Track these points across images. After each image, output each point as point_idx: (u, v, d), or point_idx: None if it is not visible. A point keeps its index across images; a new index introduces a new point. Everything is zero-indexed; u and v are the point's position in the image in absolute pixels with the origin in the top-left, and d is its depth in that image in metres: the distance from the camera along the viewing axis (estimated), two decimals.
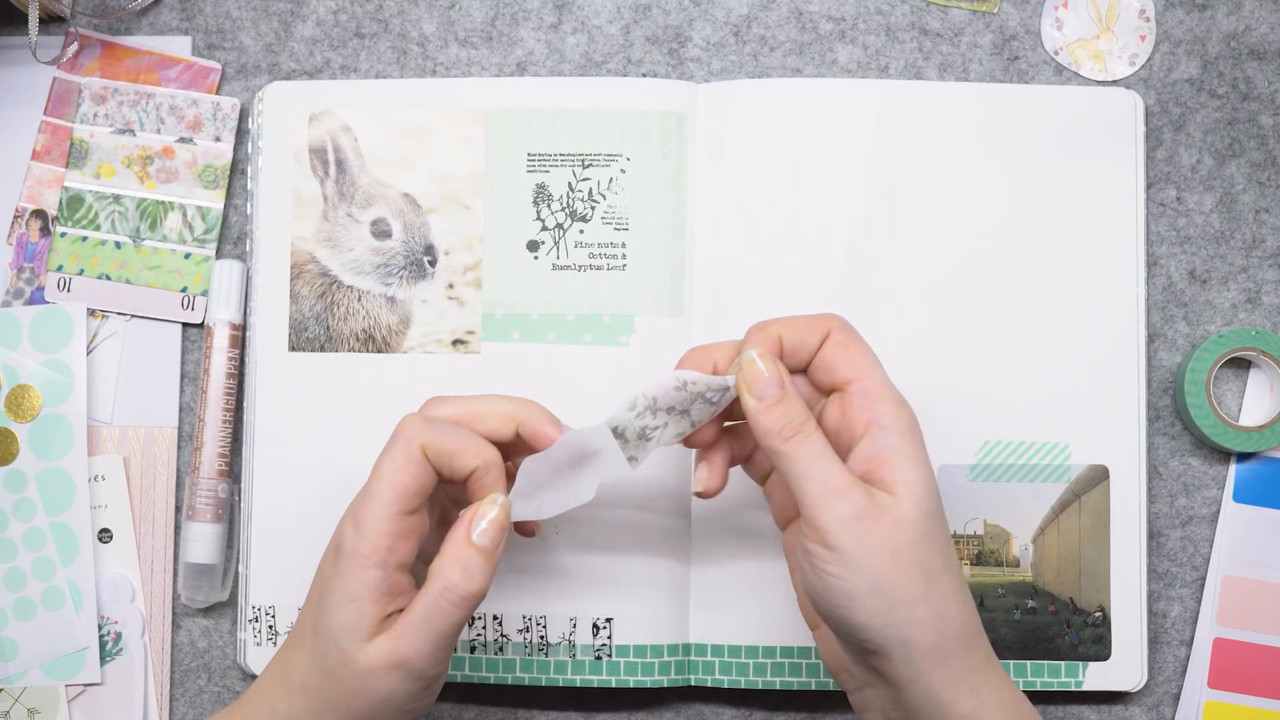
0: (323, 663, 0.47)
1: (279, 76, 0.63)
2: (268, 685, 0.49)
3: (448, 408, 0.50)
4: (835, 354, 0.49)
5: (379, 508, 0.47)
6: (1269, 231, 0.62)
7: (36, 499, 0.60)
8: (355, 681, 0.47)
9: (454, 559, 0.47)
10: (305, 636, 0.49)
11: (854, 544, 0.45)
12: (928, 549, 0.46)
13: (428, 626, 0.47)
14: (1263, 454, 0.61)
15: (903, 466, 0.46)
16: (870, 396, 0.48)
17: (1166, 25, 0.63)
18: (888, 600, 0.45)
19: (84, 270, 0.62)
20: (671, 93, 0.60)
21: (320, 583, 0.49)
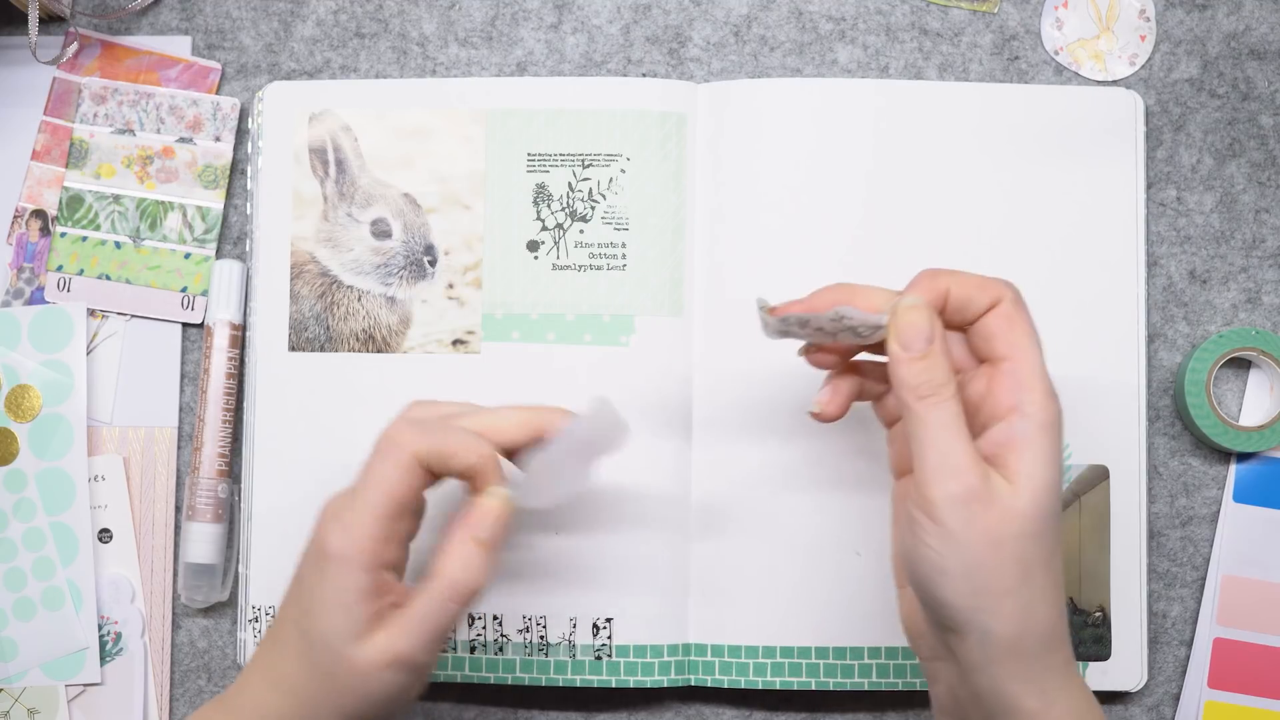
0: (314, 665, 0.47)
1: (279, 76, 0.63)
2: (256, 687, 0.49)
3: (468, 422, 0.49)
4: (998, 325, 0.47)
5: (367, 512, 0.47)
6: (1269, 231, 0.62)
7: (36, 499, 0.60)
8: (350, 680, 0.47)
9: (456, 556, 0.47)
10: (290, 639, 0.48)
11: (959, 523, 0.44)
12: (1032, 545, 0.45)
13: (427, 623, 0.47)
14: (1263, 454, 0.61)
15: (1033, 460, 0.45)
16: (1021, 381, 0.46)
17: (1166, 25, 0.63)
18: (978, 586, 0.45)
19: (84, 270, 0.62)
20: (671, 93, 0.60)
21: (303, 585, 0.48)
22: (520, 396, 0.59)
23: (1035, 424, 0.45)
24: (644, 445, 0.59)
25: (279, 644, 0.49)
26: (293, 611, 0.48)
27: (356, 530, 0.47)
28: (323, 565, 0.47)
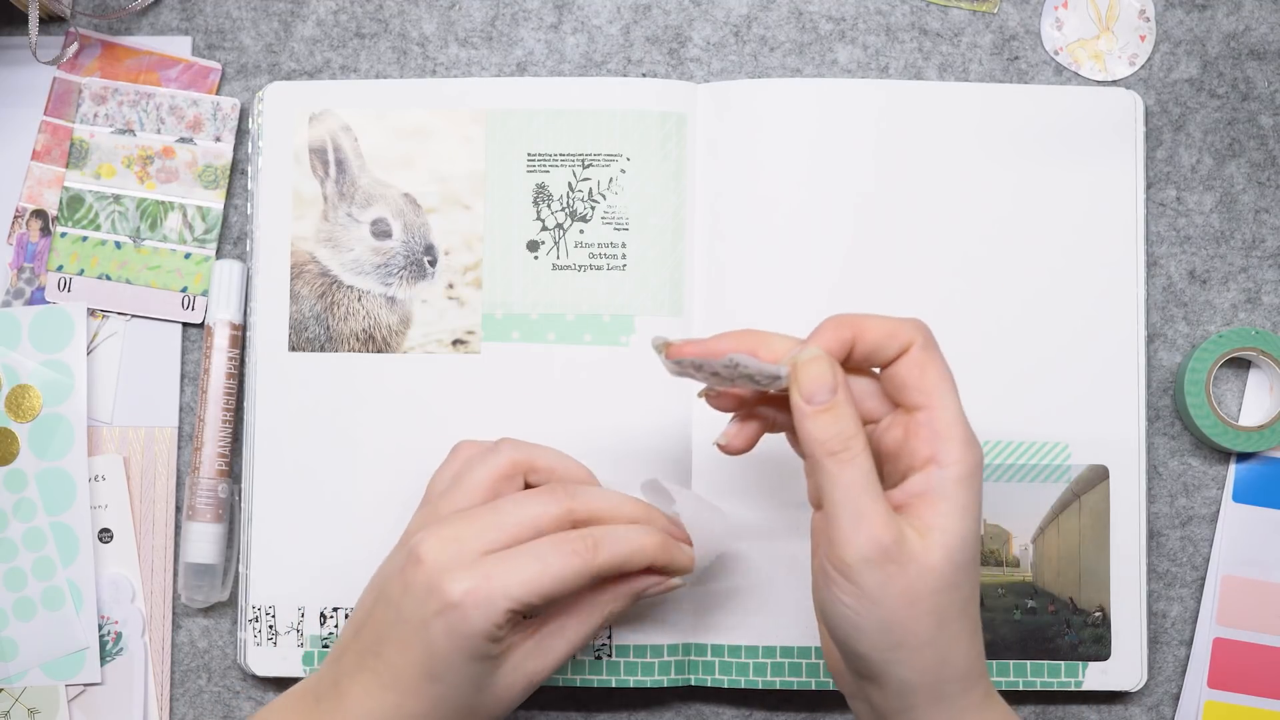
0: (455, 704, 0.48)
1: (279, 76, 0.63)
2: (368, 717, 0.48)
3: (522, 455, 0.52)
4: (910, 374, 0.46)
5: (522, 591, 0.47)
6: (1269, 231, 0.62)
7: (36, 499, 0.60)
8: (494, 704, 0.49)
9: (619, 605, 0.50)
10: (416, 684, 0.47)
11: (873, 584, 0.44)
12: (947, 596, 0.45)
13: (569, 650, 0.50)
14: (1262, 454, 0.61)
15: (948, 513, 0.45)
16: (937, 431, 0.45)
17: (1166, 25, 0.63)
18: (894, 640, 0.45)
19: (84, 270, 0.62)
20: (671, 93, 0.60)
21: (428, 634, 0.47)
22: (520, 396, 0.59)
23: (951, 476, 0.45)
24: (643, 445, 0.59)
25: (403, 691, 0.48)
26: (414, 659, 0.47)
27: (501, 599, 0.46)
28: (450, 618, 0.46)
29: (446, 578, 0.46)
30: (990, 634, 0.59)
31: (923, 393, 0.46)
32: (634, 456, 0.59)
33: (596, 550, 0.48)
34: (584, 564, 0.47)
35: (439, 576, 0.46)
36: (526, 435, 0.54)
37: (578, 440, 0.58)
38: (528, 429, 0.59)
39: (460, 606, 0.46)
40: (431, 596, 0.46)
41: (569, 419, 0.59)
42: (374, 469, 0.60)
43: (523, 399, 0.60)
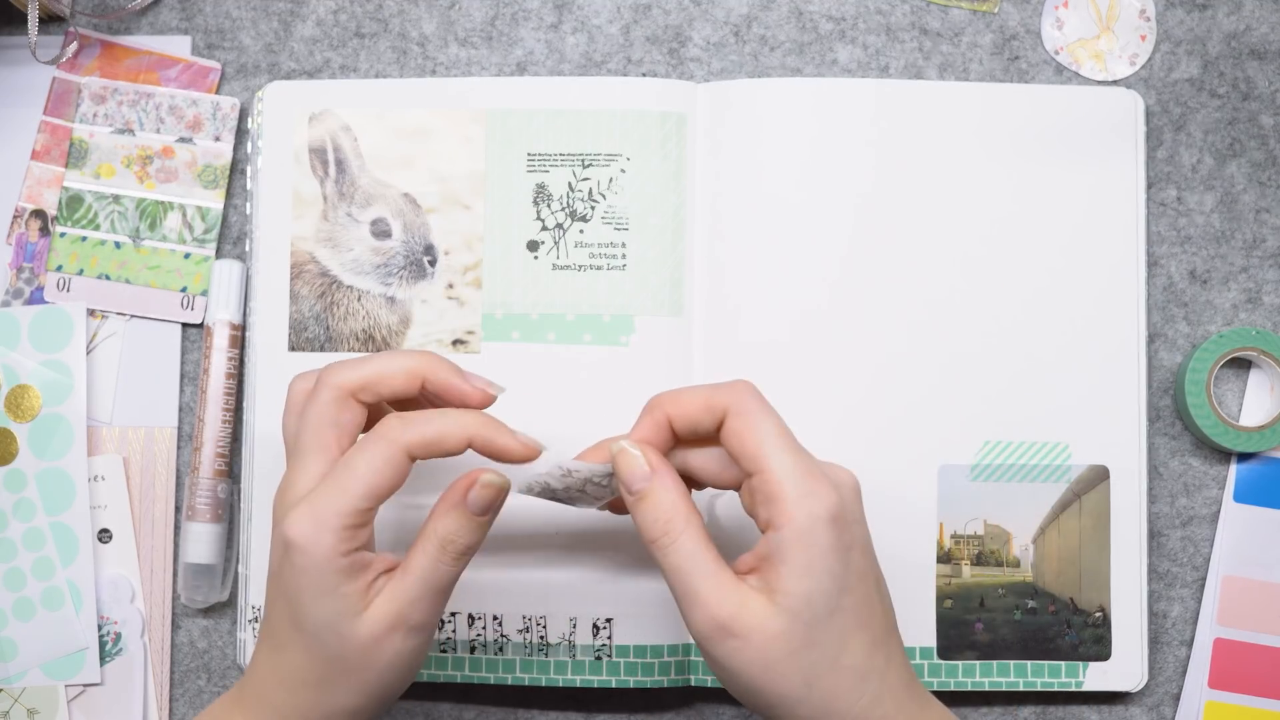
0: (321, 654, 0.47)
1: (279, 76, 0.63)
2: (263, 688, 0.49)
3: (349, 372, 0.49)
4: (731, 443, 0.47)
5: (345, 501, 0.46)
6: (1269, 231, 0.62)
7: (36, 499, 0.60)
8: (361, 655, 0.47)
9: (449, 518, 0.47)
10: (289, 638, 0.48)
11: (723, 657, 0.45)
12: (810, 655, 0.45)
13: (425, 583, 0.47)
14: (1263, 454, 0.61)
15: (787, 575, 0.45)
16: (768, 493, 0.45)
17: (1167, 25, 0.63)
18: (766, 701, 0.45)
19: (84, 270, 0.62)
20: (671, 92, 0.60)
21: (281, 582, 0.47)
22: (520, 396, 0.59)
23: (787, 538, 0.45)
24: None
25: (279, 646, 0.48)
26: (280, 611, 0.48)
27: (327, 519, 0.46)
28: (293, 558, 0.46)
29: (285, 519, 0.46)
30: (990, 634, 0.59)
31: (746, 459, 0.46)
32: None
33: (405, 428, 0.47)
34: (390, 444, 0.46)
35: (280, 521, 0.47)
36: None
37: (578, 440, 0.58)
38: (527, 429, 0.58)
39: (296, 540, 0.46)
40: (278, 544, 0.47)
41: (569, 419, 0.59)
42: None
43: (523, 399, 0.60)
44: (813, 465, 0.46)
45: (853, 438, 0.59)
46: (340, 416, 0.48)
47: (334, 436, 0.48)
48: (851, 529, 0.46)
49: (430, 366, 0.49)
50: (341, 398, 0.48)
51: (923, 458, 0.59)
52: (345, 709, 0.48)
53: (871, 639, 0.46)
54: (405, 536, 0.59)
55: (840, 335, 0.60)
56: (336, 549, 0.46)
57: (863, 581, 0.46)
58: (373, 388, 0.49)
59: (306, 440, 0.48)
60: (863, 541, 0.47)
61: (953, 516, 0.59)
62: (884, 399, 0.59)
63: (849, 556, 0.45)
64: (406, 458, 0.47)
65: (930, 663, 0.59)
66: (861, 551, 0.46)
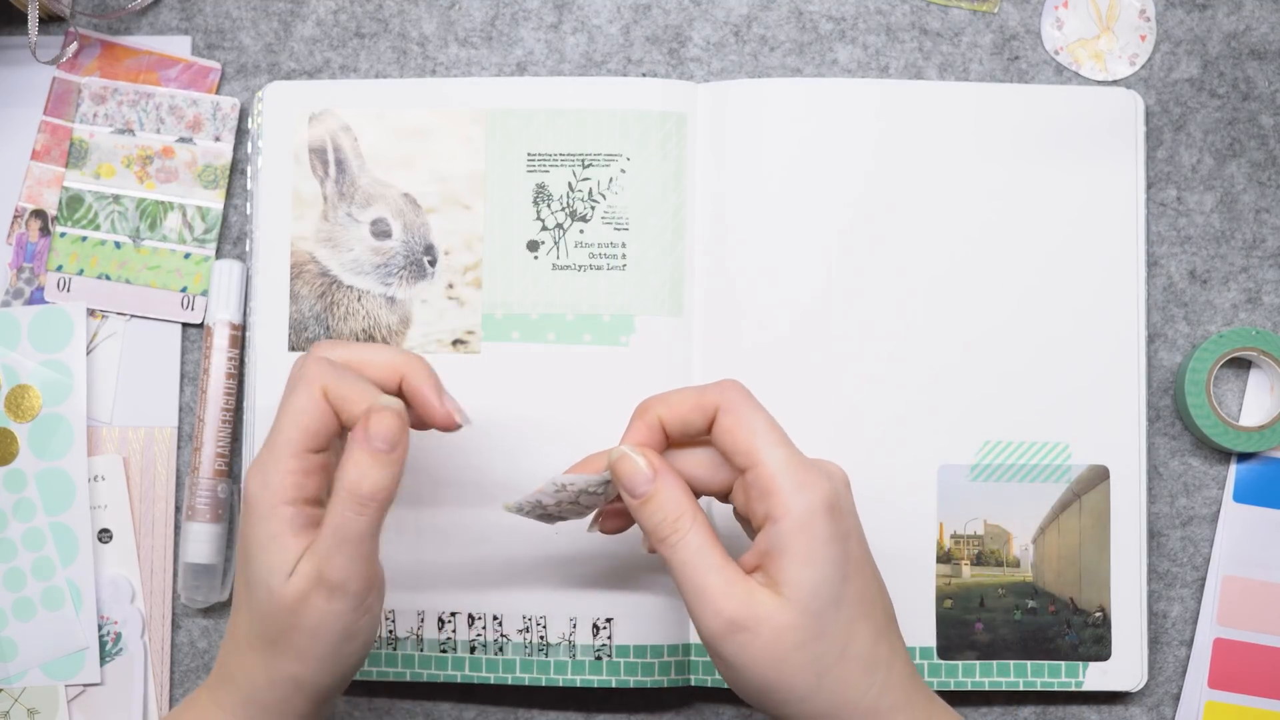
0: (258, 611, 0.47)
1: (279, 76, 0.63)
2: (224, 657, 0.49)
3: (338, 350, 0.50)
4: (723, 441, 0.47)
5: (282, 448, 0.47)
6: (1269, 231, 0.62)
7: (36, 499, 0.60)
8: (288, 616, 0.46)
9: (351, 464, 0.46)
10: (240, 598, 0.48)
11: (733, 653, 0.45)
12: (818, 646, 0.45)
13: (337, 536, 0.46)
14: (1263, 454, 0.61)
15: (791, 566, 0.45)
16: (763, 487, 0.46)
17: (1167, 25, 0.63)
18: (777, 699, 0.45)
19: (84, 270, 0.62)
20: (671, 93, 0.60)
21: (241, 541, 0.48)
22: (520, 396, 0.59)
23: (786, 529, 0.45)
24: None
25: (235, 610, 0.49)
26: (240, 573, 0.48)
27: (272, 468, 0.46)
28: (249, 512, 0.47)
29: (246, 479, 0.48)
30: (990, 634, 0.59)
31: (739, 454, 0.47)
32: None
33: (322, 372, 0.47)
34: (308, 385, 0.47)
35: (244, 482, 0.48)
36: (526, 435, 0.54)
37: (578, 440, 0.58)
38: (527, 429, 0.59)
39: (247, 490, 0.47)
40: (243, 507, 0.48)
41: (569, 419, 0.59)
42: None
43: (523, 399, 0.60)
44: (804, 458, 0.47)
45: (853, 438, 0.59)
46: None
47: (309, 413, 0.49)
48: (846, 519, 0.46)
49: (411, 368, 0.49)
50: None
51: (922, 458, 0.59)
52: (290, 676, 0.47)
53: (875, 629, 0.46)
54: (405, 535, 0.59)
55: (840, 335, 0.60)
56: (281, 496, 0.46)
57: (861, 571, 0.46)
58: (355, 369, 0.49)
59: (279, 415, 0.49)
60: (857, 532, 0.47)
61: (952, 516, 0.59)
62: (884, 399, 0.59)
63: (847, 545, 0.46)
64: (324, 397, 0.47)
65: (930, 663, 0.59)
66: (857, 541, 0.47)
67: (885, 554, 0.60)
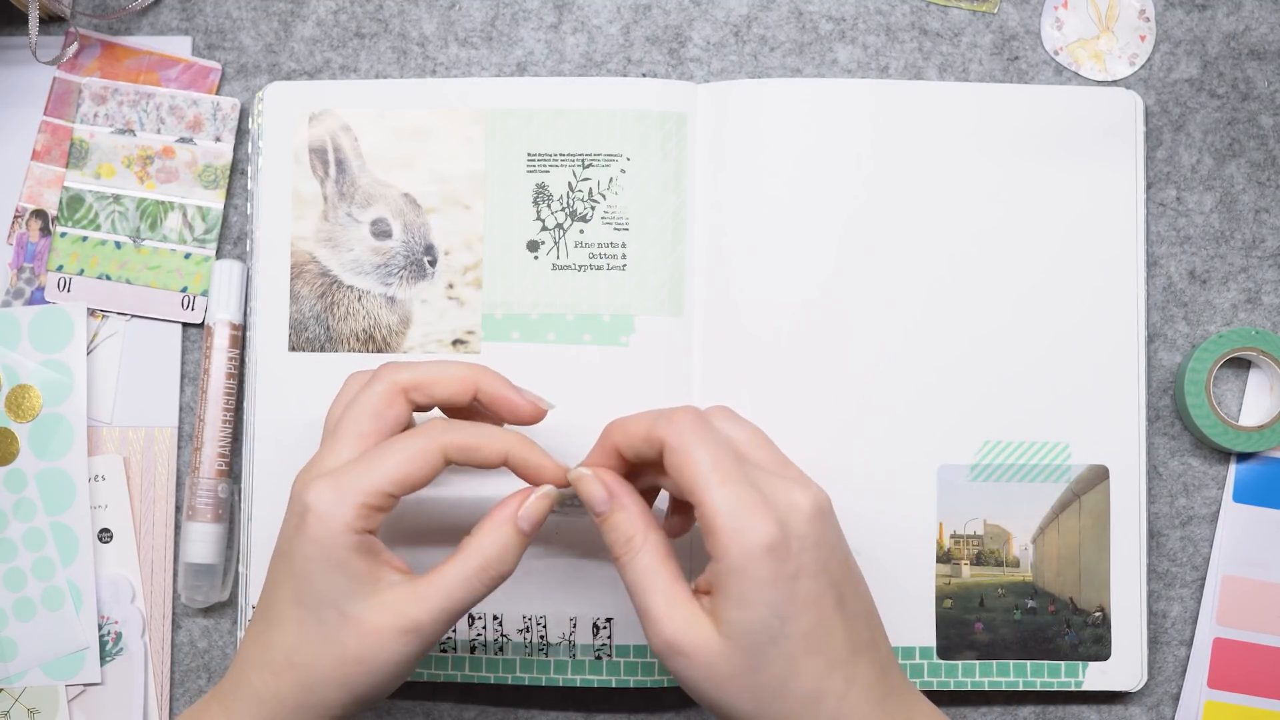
0: (317, 632, 0.46)
1: (279, 76, 0.63)
2: (246, 670, 0.48)
3: (406, 370, 0.50)
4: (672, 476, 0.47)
5: (371, 481, 0.46)
6: (1269, 231, 0.62)
7: (36, 499, 0.60)
8: (359, 647, 0.46)
9: (496, 539, 0.48)
10: (285, 612, 0.47)
11: (676, 673, 0.46)
12: (754, 679, 0.45)
13: (451, 599, 0.47)
14: (1263, 454, 0.61)
15: (725, 605, 0.45)
16: (705, 527, 0.45)
17: (1166, 25, 0.63)
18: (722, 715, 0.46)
19: (84, 270, 0.62)
20: (671, 93, 0.60)
21: (291, 553, 0.47)
22: None
23: (724, 569, 0.45)
24: None
25: (272, 623, 0.47)
26: (283, 586, 0.47)
27: (351, 493, 0.46)
28: (309, 526, 0.46)
29: (306, 490, 0.47)
30: (990, 634, 0.59)
31: (684, 492, 0.47)
32: None
33: (445, 431, 0.48)
34: (428, 441, 0.47)
35: (300, 491, 0.47)
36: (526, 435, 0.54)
37: (578, 440, 0.58)
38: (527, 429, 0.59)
39: (314, 509, 0.46)
40: (294, 513, 0.47)
41: (569, 419, 0.59)
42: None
43: None
44: (750, 496, 0.45)
45: (852, 438, 0.59)
46: (387, 410, 0.49)
47: (374, 426, 0.49)
48: (798, 557, 0.45)
49: (484, 377, 0.50)
50: (393, 392, 0.49)
51: (922, 458, 0.59)
52: (324, 701, 0.47)
53: (827, 662, 0.46)
54: (405, 535, 0.59)
55: (840, 335, 0.60)
56: (353, 524, 0.46)
57: (812, 608, 0.45)
58: (426, 388, 0.49)
59: (346, 425, 0.49)
60: (814, 566, 0.45)
61: (952, 516, 0.59)
62: (884, 398, 0.60)
63: (793, 586, 0.45)
64: (442, 457, 0.47)
65: (930, 662, 0.59)
66: (813, 576, 0.45)
67: (885, 554, 0.60)
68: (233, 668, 0.49)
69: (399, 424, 0.49)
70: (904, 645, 0.59)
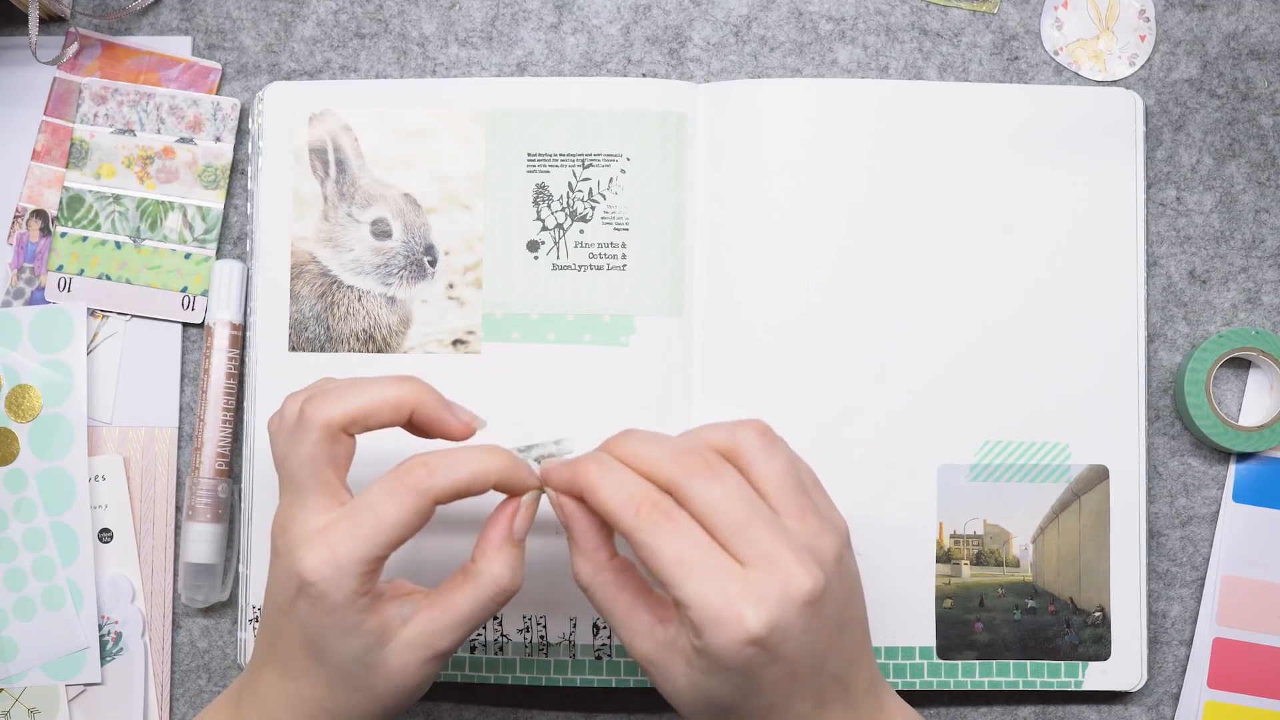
0: (346, 685, 0.47)
1: (279, 76, 0.63)
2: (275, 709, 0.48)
3: (334, 406, 0.47)
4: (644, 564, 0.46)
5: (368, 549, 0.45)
6: (1269, 231, 0.62)
7: (37, 499, 0.60)
8: (389, 683, 0.47)
9: (502, 560, 0.48)
10: (306, 668, 0.47)
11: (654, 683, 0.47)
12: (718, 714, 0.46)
13: (469, 624, 0.48)
14: (1262, 454, 0.61)
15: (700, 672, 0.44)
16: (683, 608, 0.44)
17: (1166, 25, 0.63)
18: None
19: (84, 270, 0.62)
20: (671, 93, 0.60)
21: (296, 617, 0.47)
22: (520, 396, 0.59)
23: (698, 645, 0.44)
24: None
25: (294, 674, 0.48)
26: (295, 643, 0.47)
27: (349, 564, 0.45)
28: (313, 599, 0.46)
29: (297, 556, 0.46)
30: (990, 634, 0.59)
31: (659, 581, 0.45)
32: None
33: (432, 476, 0.46)
34: (419, 496, 0.46)
35: (291, 557, 0.46)
36: (526, 435, 0.54)
37: (578, 440, 0.58)
38: (528, 429, 0.59)
39: (313, 583, 0.45)
40: (290, 580, 0.46)
41: (569, 419, 0.59)
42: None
43: (523, 399, 0.60)
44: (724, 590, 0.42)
45: (852, 437, 0.59)
46: (334, 451, 0.48)
47: (332, 471, 0.48)
48: (776, 648, 0.43)
49: (417, 398, 0.48)
50: (332, 435, 0.48)
51: (922, 457, 0.59)
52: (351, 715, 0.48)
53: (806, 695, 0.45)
54: None
55: (840, 335, 0.60)
56: (358, 591, 0.46)
57: (780, 686, 0.44)
58: (361, 423, 0.48)
59: (304, 478, 0.47)
60: (795, 652, 0.43)
61: (952, 516, 0.59)
62: (884, 398, 0.60)
63: (762, 674, 0.43)
64: (433, 506, 0.47)
65: (930, 662, 0.59)
66: (789, 663, 0.44)
67: (885, 554, 0.60)
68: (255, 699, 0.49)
69: (349, 457, 0.49)
70: (904, 645, 0.59)
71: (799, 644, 0.43)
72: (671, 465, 0.45)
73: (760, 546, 0.43)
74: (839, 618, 0.45)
